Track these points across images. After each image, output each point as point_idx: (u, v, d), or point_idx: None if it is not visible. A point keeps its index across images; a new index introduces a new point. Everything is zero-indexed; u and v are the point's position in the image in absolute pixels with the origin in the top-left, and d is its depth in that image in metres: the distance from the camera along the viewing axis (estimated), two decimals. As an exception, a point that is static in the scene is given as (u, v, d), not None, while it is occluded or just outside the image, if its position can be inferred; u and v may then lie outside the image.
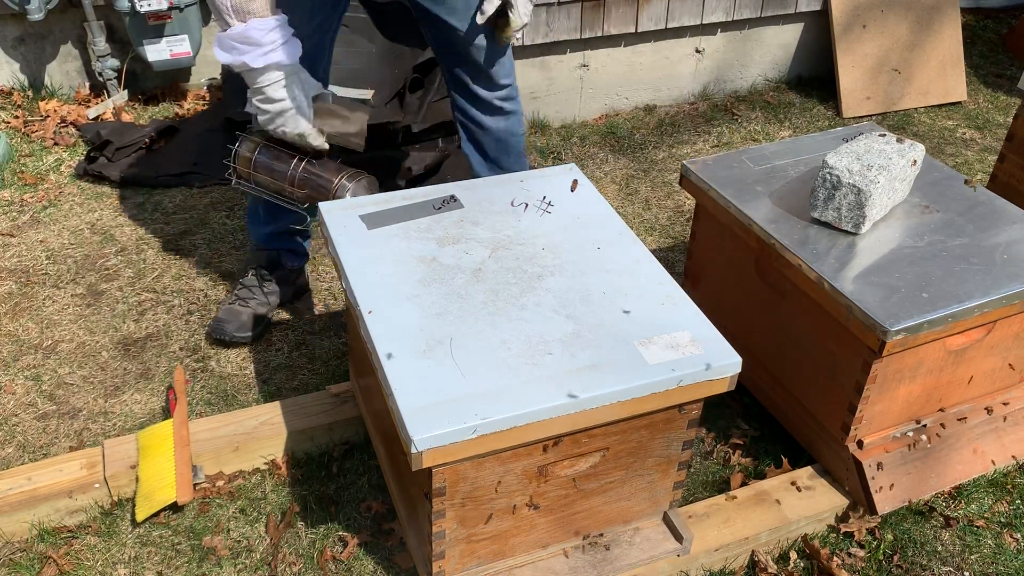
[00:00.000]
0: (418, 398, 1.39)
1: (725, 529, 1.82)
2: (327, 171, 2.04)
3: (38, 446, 2.05)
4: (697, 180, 2.09)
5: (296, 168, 2.03)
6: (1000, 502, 1.98)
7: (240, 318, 2.32)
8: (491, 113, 2.33)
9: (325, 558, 1.80)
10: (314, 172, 2.03)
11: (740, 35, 3.68)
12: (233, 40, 1.82)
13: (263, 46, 1.82)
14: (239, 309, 2.34)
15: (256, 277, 2.39)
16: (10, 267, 2.59)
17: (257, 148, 2.06)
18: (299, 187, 2.04)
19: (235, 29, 1.81)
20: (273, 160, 2.05)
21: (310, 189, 2.04)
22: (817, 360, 1.89)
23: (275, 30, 1.82)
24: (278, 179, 2.05)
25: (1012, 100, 3.85)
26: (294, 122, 1.93)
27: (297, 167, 2.03)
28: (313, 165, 2.03)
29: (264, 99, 1.89)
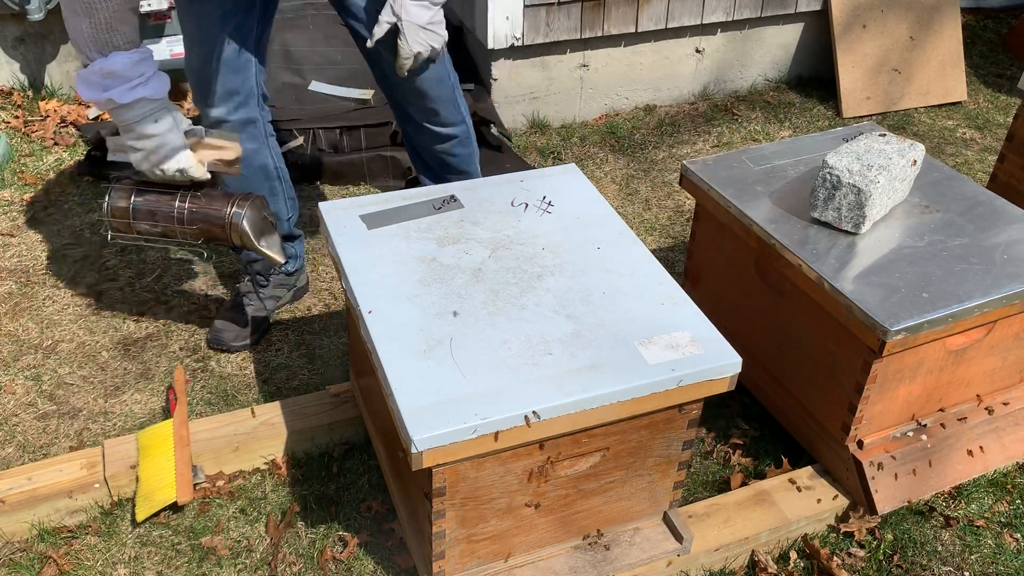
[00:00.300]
0: (418, 398, 1.39)
1: (725, 529, 1.82)
2: (215, 201, 1.94)
3: (38, 446, 2.05)
4: (697, 180, 2.09)
5: (181, 205, 1.92)
6: (1000, 502, 1.98)
7: (238, 325, 2.32)
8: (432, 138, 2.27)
9: (325, 558, 1.80)
10: (201, 205, 1.93)
11: (740, 35, 3.68)
12: (96, 76, 1.71)
13: (130, 80, 1.71)
14: (237, 316, 2.33)
15: (252, 283, 2.38)
16: (10, 267, 2.59)
17: (132, 193, 1.93)
18: (189, 224, 1.93)
19: (97, 64, 1.70)
20: (153, 202, 1.93)
21: (201, 223, 1.94)
22: (817, 360, 1.89)
23: (141, 63, 1.72)
24: (163, 221, 1.94)
25: (1012, 100, 3.85)
26: (173, 155, 1.83)
27: (182, 204, 1.93)
28: (198, 198, 1.93)
29: (137, 136, 1.79)
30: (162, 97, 1.78)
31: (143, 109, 1.76)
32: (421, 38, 1.93)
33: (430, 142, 2.30)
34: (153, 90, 1.75)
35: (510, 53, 3.30)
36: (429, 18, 1.92)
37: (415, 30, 1.91)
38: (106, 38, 1.68)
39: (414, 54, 1.95)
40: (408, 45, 1.93)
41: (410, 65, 1.97)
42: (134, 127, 1.78)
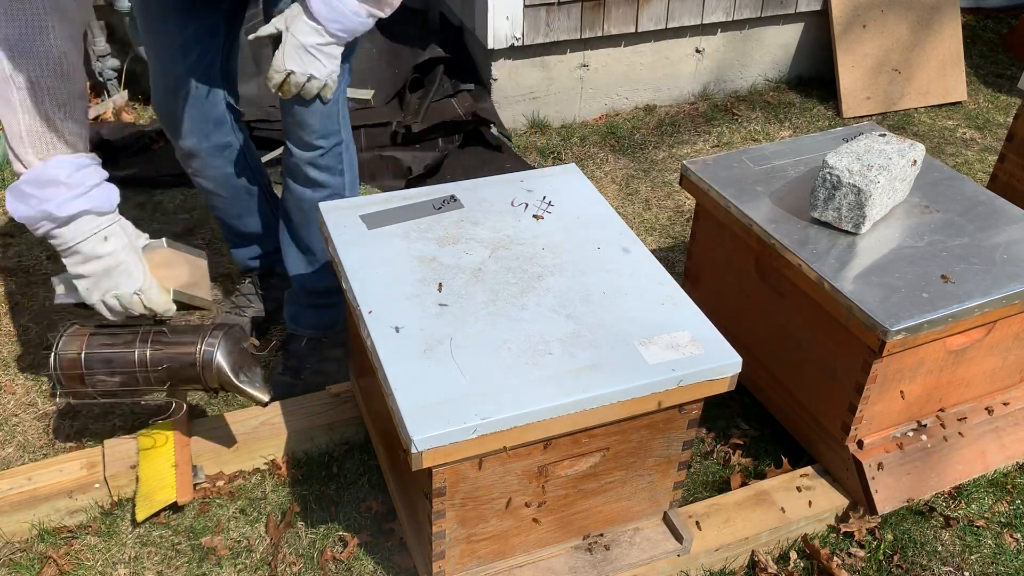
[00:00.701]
0: (418, 398, 1.39)
1: (725, 529, 1.82)
2: (183, 336, 1.68)
3: (38, 446, 2.05)
4: (697, 180, 2.09)
5: (142, 347, 1.64)
6: (1000, 502, 1.98)
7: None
8: (303, 182, 1.98)
9: (325, 558, 1.80)
10: (166, 343, 1.65)
11: (740, 35, 3.68)
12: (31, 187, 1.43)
13: (72, 187, 1.46)
14: (236, 319, 2.33)
15: (252, 284, 2.38)
16: (10, 267, 2.59)
17: (83, 342, 1.66)
18: (153, 368, 1.65)
19: (34, 171, 1.43)
20: (108, 349, 1.64)
21: (168, 365, 1.66)
22: (817, 360, 1.89)
23: (86, 169, 1.47)
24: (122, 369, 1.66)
25: (1012, 100, 3.85)
26: (127, 279, 1.55)
27: (143, 346, 1.65)
28: (162, 335, 1.66)
29: (83, 259, 1.51)
30: (112, 211, 1.55)
31: (88, 224, 1.50)
32: (300, 58, 1.70)
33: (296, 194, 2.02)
34: (100, 201, 1.50)
35: (510, 53, 3.30)
36: (317, 42, 1.70)
37: (296, 47, 1.69)
38: (48, 138, 1.43)
39: (286, 71, 1.70)
40: (283, 60, 1.69)
41: (279, 81, 1.72)
42: (78, 248, 1.51)
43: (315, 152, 1.94)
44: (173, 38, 1.88)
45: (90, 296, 1.59)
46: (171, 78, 1.93)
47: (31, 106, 1.41)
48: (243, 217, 2.23)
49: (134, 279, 1.58)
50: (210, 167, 2.10)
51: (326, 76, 1.75)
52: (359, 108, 3.14)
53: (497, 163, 3.12)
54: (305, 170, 1.97)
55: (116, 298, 1.58)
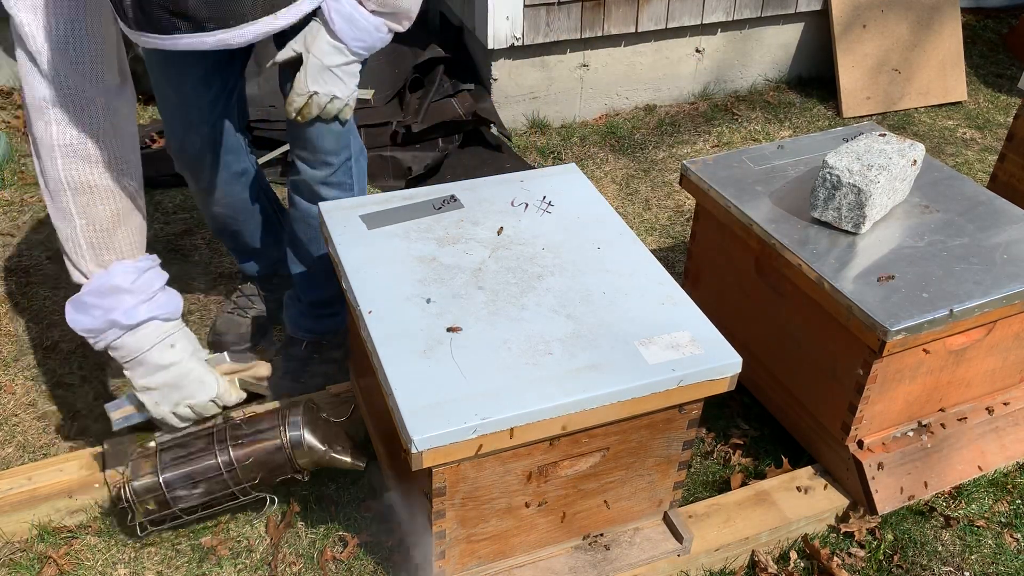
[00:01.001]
0: (418, 398, 1.39)
1: (725, 529, 1.82)
2: (259, 425, 1.62)
3: (38, 446, 2.04)
4: (697, 180, 2.09)
5: (224, 450, 1.55)
6: (1000, 502, 1.98)
7: (239, 329, 2.31)
8: (302, 195, 1.97)
9: (325, 558, 1.80)
10: (249, 438, 1.59)
11: (740, 35, 3.68)
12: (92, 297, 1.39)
13: (136, 294, 1.41)
14: (238, 319, 2.32)
15: (255, 285, 2.37)
16: (10, 267, 2.58)
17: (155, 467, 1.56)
18: (241, 467, 1.57)
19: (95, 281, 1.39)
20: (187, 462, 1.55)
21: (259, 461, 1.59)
22: (817, 360, 1.89)
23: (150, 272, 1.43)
24: (211, 480, 1.58)
25: (1012, 100, 3.85)
26: (201, 388, 1.49)
27: (224, 449, 1.56)
28: (239, 429, 1.59)
29: (150, 370, 1.44)
30: (177, 317, 1.48)
31: (154, 333, 1.44)
32: (324, 79, 1.70)
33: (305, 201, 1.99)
34: (167, 308, 1.45)
35: (510, 53, 3.30)
36: (339, 62, 1.71)
37: (319, 69, 1.69)
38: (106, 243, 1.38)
39: (310, 93, 1.71)
40: (305, 82, 1.69)
41: (301, 104, 1.72)
42: (144, 358, 1.44)
43: (327, 170, 1.92)
44: (195, 71, 1.84)
45: (159, 409, 1.52)
46: (194, 111, 1.89)
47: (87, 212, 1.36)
48: (254, 235, 2.23)
49: (208, 387, 1.51)
50: (228, 195, 2.09)
51: (347, 96, 1.75)
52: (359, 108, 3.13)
53: (497, 163, 3.12)
54: (315, 188, 1.94)
55: (189, 406, 1.52)
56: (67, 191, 1.34)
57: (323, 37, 1.69)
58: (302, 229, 2.05)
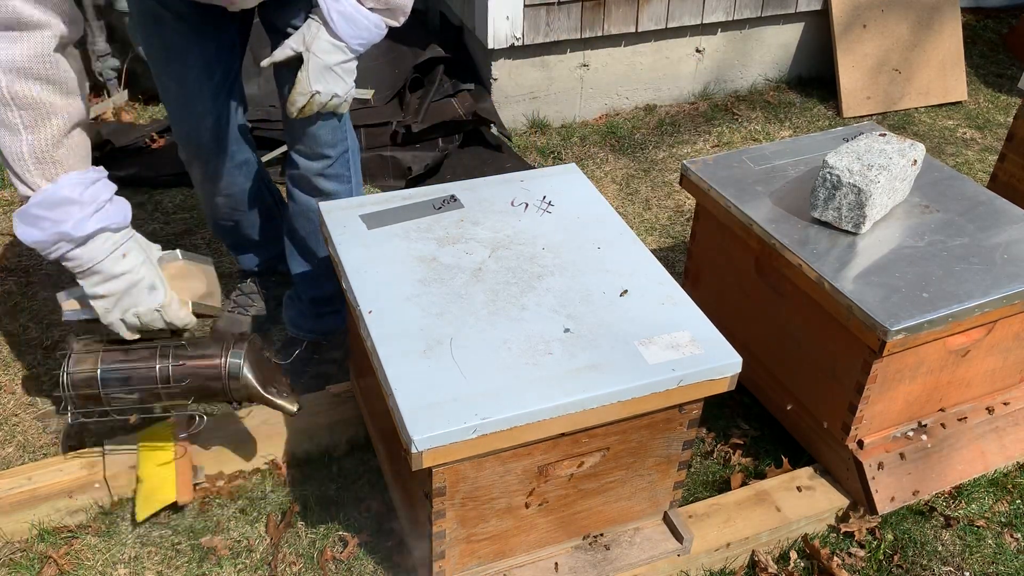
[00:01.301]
0: (418, 398, 1.39)
1: (725, 529, 1.82)
2: (204, 349, 1.65)
3: (38, 446, 2.04)
4: (697, 180, 2.09)
5: (163, 361, 1.59)
6: (1000, 502, 1.98)
7: (240, 327, 2.31)
8: (301, 188, 1.99)
9: (325, 558, 1.80)
10: (188, 357, 1.61)
11: (740, 35, 3.68)
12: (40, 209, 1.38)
13: (85, 206, 1.41)
14: (239, 318, 2.32)
15: (255, 283, 2.38)
16: (10, 267, 2.58)
17: (97, 359, 1.60)
18: (176, 385, 1.61)
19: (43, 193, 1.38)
20: (125, 365, 1.59)
21: (192, 380, 1.62)
22: (817, 360, 1.89)
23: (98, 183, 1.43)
24: (142, 386, 1.62)
25: (1012, 100, 3.85)
26: (148, 296, 1.51)
27: (164, 360, 1.60)
28: (182, 349, 1.62)
29: (102, 279, 1.47)
30: (126, 225, 1.49)
31: (106, 244, 1.45)
32: (326, 78, 1.72)
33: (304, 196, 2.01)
34: (115, 217, 1.45)
35: (510, 53, 3.30)
36: (339, 60, 1.72)
37: (321, 68, 1.70)
38: (54, 156, 1.38)
39: (312, 92, 1.72)
40: (308, 82, 1.70)
41: (303, 104, 1.74)
42: (98, 268, 1.46)
43: (324, 162, 1.93)
44: (196, 61, 1.86)
45: (108, 316, 1.54)
46: (198, 103, 1.91)
47: (35, 126, 1.37)
48: (254, 226, 2.24)
49: (155, 295, 1.54)
50: (232, 186, 2.10)
51: (346, 93, 1.77)
52: (359, 108, 3.14)
53: (497, 163, 3.11)
54: (314, 181, 1.96)
55: (136, 316, 1.54)
56: (12, 106, 1.35)
57: (323, 36, 1.70)
58: (301, 224, 2.05)
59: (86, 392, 1.61)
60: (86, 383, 1.60)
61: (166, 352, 1.62)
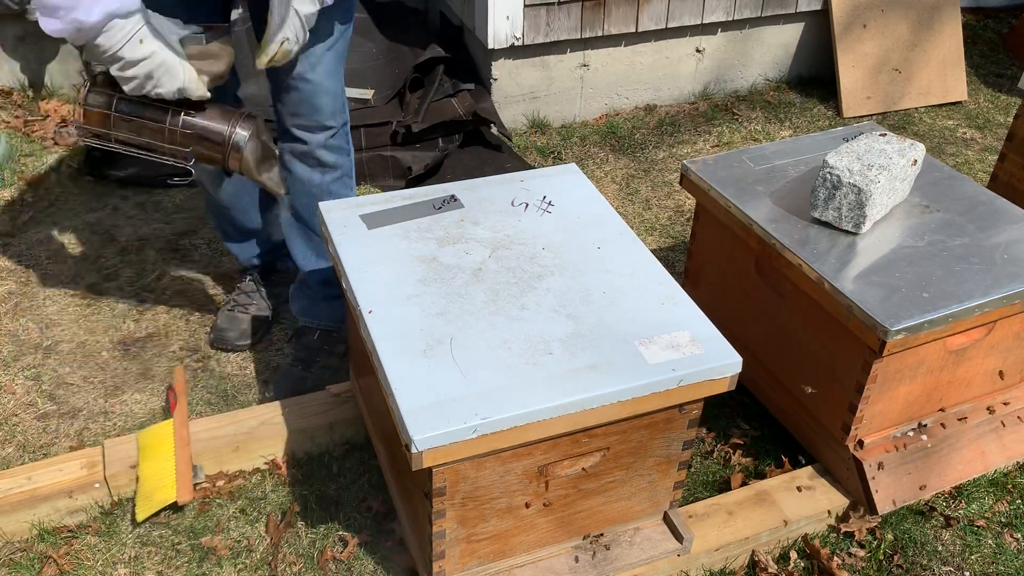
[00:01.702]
0: (418, 398, 1.39)
1: (725, 529, 1.82)
2: (214, 119, 1.74)
3: (38, 446, 2.04)
4: (697, 180, 2.09)
5: (174, 120, 1.70)
6: (1000, 502, 1.98)
7: (240, 325, 2.31)
8: (310, 164, 2.03)
9: (325, 558, 1.80)
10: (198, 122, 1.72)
11: (740, 35, 3.68)
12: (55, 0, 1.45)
13: None
14: (239, 316, 2.33)
15: (253, 282, 2.38)
16: (10, 267, 2.59)
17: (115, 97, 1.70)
18: (181, 142, 1.72)
19: None
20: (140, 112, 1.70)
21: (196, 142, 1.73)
22: (817, 360, 1.89)
23: None
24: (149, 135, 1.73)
25: (1012, 100, 3.85)
26: (170, 78, 1.61)
27: (175, 119, 1.71)
28: (193, 115, 1.72)
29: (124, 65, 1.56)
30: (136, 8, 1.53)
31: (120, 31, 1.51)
32: (295, 27, 1.73)
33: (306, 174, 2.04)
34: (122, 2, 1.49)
35: (510, 53, 3.30)
36: (311, 11, 1.72)
37: (295, 18, 1.72)
38: None
39: (282, 40, 1.71)
40: (280, 31, 1.70)
41: (274, 51, 1.72)
42: (117, 54, 1.54)
43: (327, 133, 1.96)
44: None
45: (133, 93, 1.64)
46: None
47: None
48: (248, 211, 2.24)
49: (175, 78, 1.62)
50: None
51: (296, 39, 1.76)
52: (359, 108, 3.14)
53: (497, 163, 3.11)
54: (318, 154, 1.99)
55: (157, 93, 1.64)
56: None
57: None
58: (304, 203, 2.05)
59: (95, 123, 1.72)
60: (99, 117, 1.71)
61: (178, 113, 1.73)
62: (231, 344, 2.29)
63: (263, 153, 1.83)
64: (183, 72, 1.63)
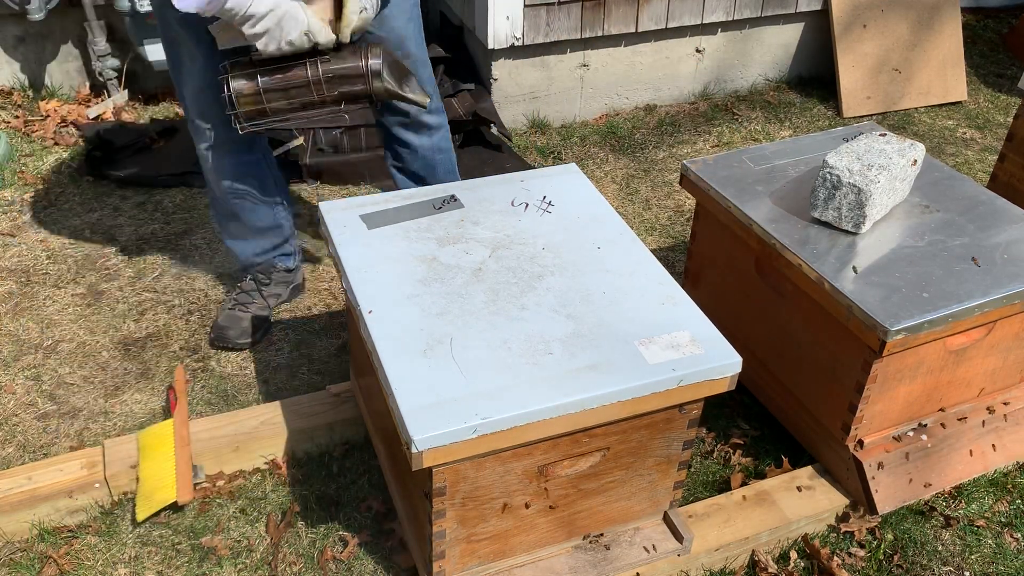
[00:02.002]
0: (418, 398, 1.39)
1: (725, 529, 1.82)
2: (345, 59, 1.84)
3: (38, 446, 2.05)
4: (697, 180, 2.09)
5: (314, 72, 1.81)
6: (1000, 502, 1.98)
7: (241, 324, 2.32)
8: (417, 130, 2.23)
9: (325, 558, 1.80)
10: (334, 67, 1.82)
11: (740, 35, 3.68)
12: None
13: None
14: (239, 315, 2.33)
15: (254, 281, 2.38)
16: (10, 267, 2.59)
17: (255, 75, 1.81)
18: (329, 89, 1.83)
19: None
20: (282, 78, 1.81)
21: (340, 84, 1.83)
22: (817, 360, 1.89)
23: None
24: (300, 95, 1.84)
25: (1012, 100, 3.85)
26: (294, 24, 1.72)
27: (314, 71, 1.82)
28: (326, 61, 1.82)
29: (253, 23, 1.69)
30: None
31: None
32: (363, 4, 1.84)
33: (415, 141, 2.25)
34: None
35: (510, 53, 3.30)
36: None
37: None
38: None
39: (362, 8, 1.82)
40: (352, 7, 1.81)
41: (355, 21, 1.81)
42: (247, 12, 1.67)
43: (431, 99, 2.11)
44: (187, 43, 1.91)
45: (267, 48, 1.74)
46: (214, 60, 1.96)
47: None
48: (258, 210, 2.25)
49: (299, 22, 1.73)
50: (239, 166, 2.15)
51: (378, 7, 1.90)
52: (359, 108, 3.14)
53: (497, 163, 3.11)
54: (424, 119, 2.20)
55: (289, 43, 1.74)
56: None
57: None
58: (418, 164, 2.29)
59: (250, 105, 1.83)
60: (251, 97, 1.82)
61: (314, 64, 1.82)
62: (232, 343, 2.29)
63: (399, 71, 1.91)
64: (304, 15, 1.73)
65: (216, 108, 2.02)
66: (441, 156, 2.32)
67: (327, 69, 1.82)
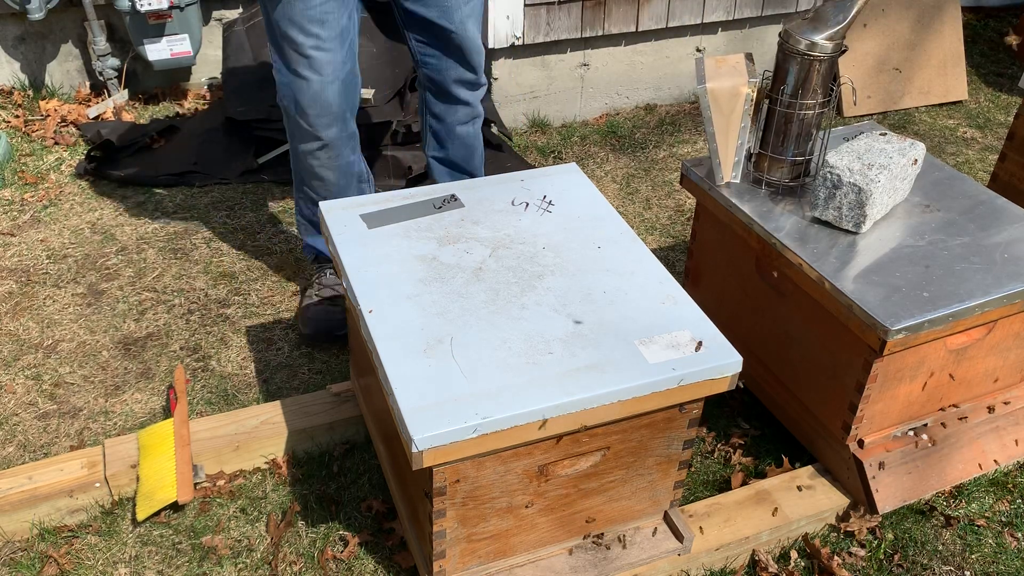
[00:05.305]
0: (418, 397, 1.39)
1: (726, 528, 1.82)
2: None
3: (39, 445, 2.05)
4: (698, 179, 2.09)
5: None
6: (1001, 501, 1.98)
7: (336, 315, 2.30)
8: (466, 119, 2.32)
9: (326, 557, 1.80)
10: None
11: (741, 34, 3.67)
12: None
13: None
14: (330, 307, 2.31)
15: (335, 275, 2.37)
16: (10, 267, 2.59)
17: None
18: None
19: None
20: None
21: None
22: (818, 359, 1.89)
23: None
24: None
25: (1013, 99, 3.85)
26: None
27: None
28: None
29: None
30: None
31: None
32: None
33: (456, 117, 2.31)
34: None
35: (510, 52, 3.30)
36: None
37: None
38: None
39: None
40: None
41: None
42: None
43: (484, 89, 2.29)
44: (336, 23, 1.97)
45: None
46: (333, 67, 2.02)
47: None
48: None
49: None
50: (339, 156, 2.19)
51: None
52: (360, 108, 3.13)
53: (497, 162, 3.11)
54: (478, 110, 2.31)
55: None
56: None
57: None
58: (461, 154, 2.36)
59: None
60: None
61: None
62: (334, 334, 2.28)
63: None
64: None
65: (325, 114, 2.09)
66: (478, 142, 2.38)
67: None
